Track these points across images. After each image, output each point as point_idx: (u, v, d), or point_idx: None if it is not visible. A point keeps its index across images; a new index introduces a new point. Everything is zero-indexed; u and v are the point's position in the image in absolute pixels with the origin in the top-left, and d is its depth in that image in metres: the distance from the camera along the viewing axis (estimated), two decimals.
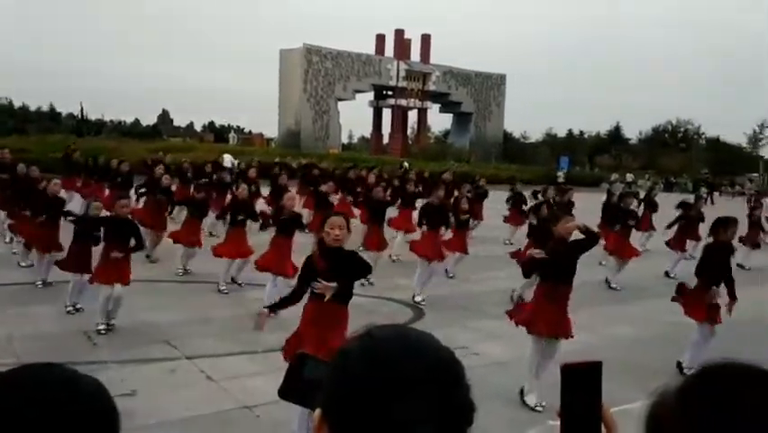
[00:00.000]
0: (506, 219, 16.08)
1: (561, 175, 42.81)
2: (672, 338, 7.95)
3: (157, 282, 9.58)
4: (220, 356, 6.48)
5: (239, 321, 7.80)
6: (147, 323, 7.48)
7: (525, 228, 14.58)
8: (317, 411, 0.86)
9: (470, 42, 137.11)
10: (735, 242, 7.79)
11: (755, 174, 55.80)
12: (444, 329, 7.90)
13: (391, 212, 13.13)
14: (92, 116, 76.01)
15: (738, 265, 12.52)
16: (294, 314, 5.11)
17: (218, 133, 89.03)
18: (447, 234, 10.85)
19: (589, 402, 0.93)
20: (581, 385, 0.93)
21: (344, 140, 78.11)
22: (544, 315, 5.69)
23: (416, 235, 10.62)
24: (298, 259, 6.06)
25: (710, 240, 7.06)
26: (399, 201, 14.10)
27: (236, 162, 26.28)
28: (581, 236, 5.84)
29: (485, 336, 7.76)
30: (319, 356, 3.66)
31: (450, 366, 0.86)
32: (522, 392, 5.71)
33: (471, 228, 13.24)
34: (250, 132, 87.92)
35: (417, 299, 9.19)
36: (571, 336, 5.73)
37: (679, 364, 6.82)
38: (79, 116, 67.12)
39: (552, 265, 5.72)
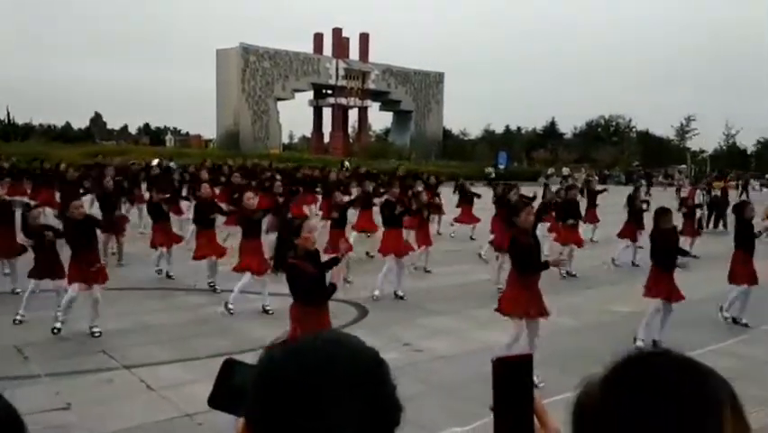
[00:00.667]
0: (457, 219, 16.02)
1: (491, 171, 43.74)
2: (613, 326, 8.21)
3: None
4: (160, 364, 6.30)
5: (180, 328, 7.62)
6: (83, 333, 7.21)
7: (479, 224, 14.93)
8: (240, 419, 0.83)
9: (409, 41, 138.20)
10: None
11: (683, 165, 58.10)
12: (389, 327, 7.93)
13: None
14: (19, 121, 72.90)
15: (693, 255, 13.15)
16: (238, 319, 5.02)
17: (154, 136, 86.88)
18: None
19: (521, 395, 0.93)
20: (513, 379, 0.93)
21: (285, 140, 77.58)
22: (525, 298, 6.06)
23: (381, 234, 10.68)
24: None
25: (654, 228, 7.56)
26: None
27: (172, 165, 25.77)
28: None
29: (430, 332, 7.80)
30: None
31: (374, 368, 0.84)
32: None
33: (437, 223, 13.48)
34: (187, 133, 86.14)
35: (376, 293, 9.26)
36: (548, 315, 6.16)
37: (635, 341, 7.13)
38: (5, 120, 64.42)
39: (521, 255, 6.05)
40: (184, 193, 15.33)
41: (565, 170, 48.07)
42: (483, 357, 0.97)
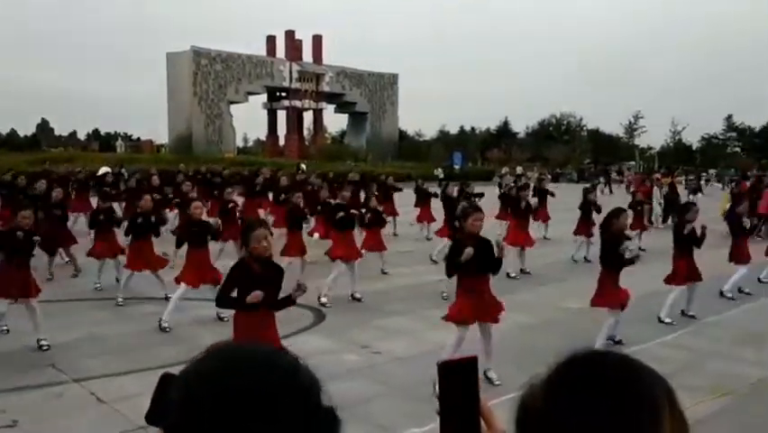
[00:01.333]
0: (418, 218, 16.19)
1: (440, 172, 44.18)
2: (566, 323, 8.36)
3: (42, 303, 8.99)
4: (111, 376, 6.15)
5: (131, 338, 7.46)
6: (30, 347, 6.98)
7: (434, 224, 15.00)
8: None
9: (362, 43, 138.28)
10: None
11: (632, 162, 59.59)
12: (347, 330, 7.92)
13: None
14: None
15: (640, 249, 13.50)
16: (190, 328, 4.94)
17: (104, 142, 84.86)
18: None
19: (467, 398, 0.94)
20: (458, 381, 0.94)
21: (239, 143, 76.81)
22: (471, 305, 6.00)
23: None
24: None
25: (604, 231, 7.44)
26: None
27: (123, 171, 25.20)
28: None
29: (387, 333, 7.81)
30: None
31: (298, 381, 0.83)
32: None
33: (391, 225, 13.45)
34: (138, 139, 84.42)
35: (323, 300, 9.11)
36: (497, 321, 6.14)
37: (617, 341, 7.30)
38: None
39: (469, 260, 5.96)
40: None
41: (519, 170, 48.75)
42: (440, 358, 0.98)
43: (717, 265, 9.93)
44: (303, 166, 33.54)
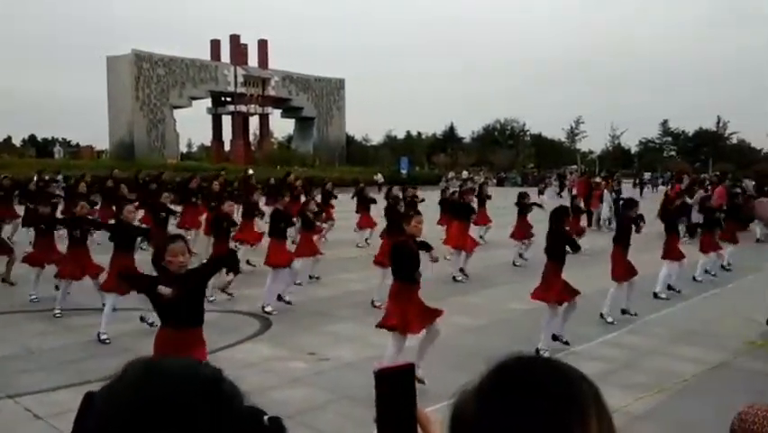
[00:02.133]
0: (358, 224, 16.10)
1: (380, 177, 44.31)
2: (509, 324, 8.50)
3: None
4: (47, 391, 5.93)
5: (69, 351, 7.21)
6: None
7: (377, 229, 14.97)
8: None
9: (309, 47, 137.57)
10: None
11: (574, 166, 61.08)
12: (294, 337, 7.84)
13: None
14: None
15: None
16: (130, 339, 4.81)
17: (41, 148, 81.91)
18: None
19: (404, 406, 0.94)
20: (395, 390, 0.94)
21: (183, 149, 75.35)
22: (407, 313, 5.95)
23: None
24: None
25: (551, 228, 7.70)
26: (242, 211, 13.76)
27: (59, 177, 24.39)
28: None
29: (335, 339, 7.78)
30: None
31: (220, 391, 0.81)
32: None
33: (325, 230, 13.30)
34: (77, 144, 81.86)
35: (268, 309, 9.00)
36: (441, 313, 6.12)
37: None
38: None
39: (405, 264, 6.01)
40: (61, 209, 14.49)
41: (465, 174, 49.41)
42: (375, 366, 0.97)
43: (657, 265, 10.29)
44: (250, 171, 33.08)
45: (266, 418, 0.82)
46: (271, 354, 7.14)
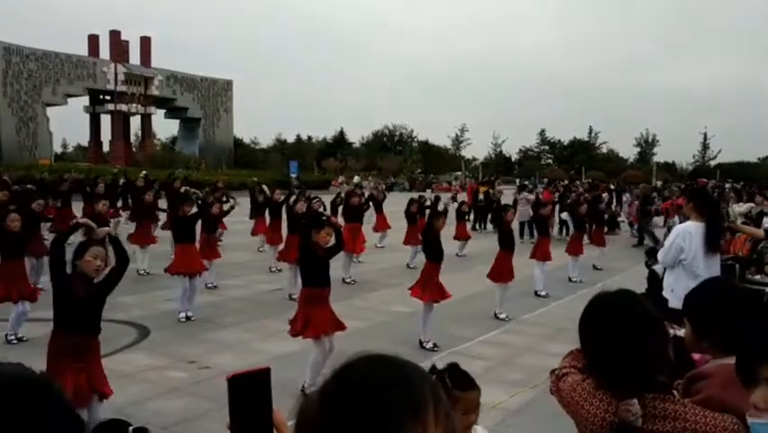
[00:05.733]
0: (253, 232, 15.47)
1: (265, 188, 43.82)
2: (394, 325, 8.65)
3: None
4: None
5: None
6: None
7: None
8: None
9: (194, 47, 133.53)
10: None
11: (459, 172, 63.04)
12: (173, 345, 7.57)
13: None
14: None
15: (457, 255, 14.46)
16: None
17: None
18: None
19: (260, 410, 0.93)
20: (250, 394, 0.93)
21: (57, 149, 70.89)
22: (318, 317, 6.03)
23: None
24: None
25: (427, 229, 8.14)
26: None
27: None
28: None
29: (216, 347, 7.59)
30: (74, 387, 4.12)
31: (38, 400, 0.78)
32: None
33: (219, 235, 12.95)
34: None
35: (189, 314, 8.83)
36: (345, 328, 6.25)
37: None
38: None
39: (312, 270, 6.13)
40: None
41: (357, 179, 49.70)
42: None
43: (531, 266, 10.84)
44: (144, 172, 31.47)
45: (131, 429, 0.79)
46: (149, 364, 6.86)
